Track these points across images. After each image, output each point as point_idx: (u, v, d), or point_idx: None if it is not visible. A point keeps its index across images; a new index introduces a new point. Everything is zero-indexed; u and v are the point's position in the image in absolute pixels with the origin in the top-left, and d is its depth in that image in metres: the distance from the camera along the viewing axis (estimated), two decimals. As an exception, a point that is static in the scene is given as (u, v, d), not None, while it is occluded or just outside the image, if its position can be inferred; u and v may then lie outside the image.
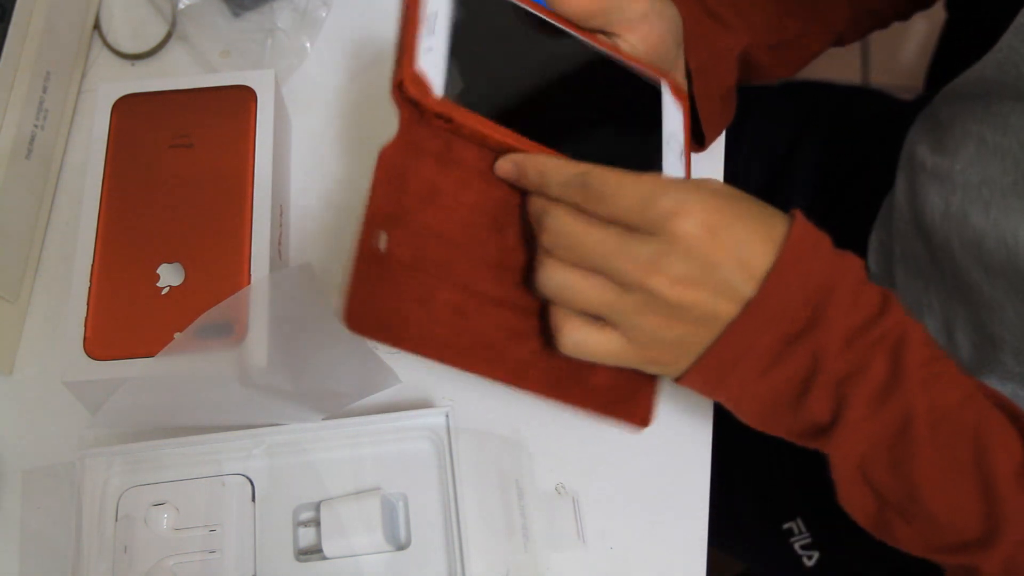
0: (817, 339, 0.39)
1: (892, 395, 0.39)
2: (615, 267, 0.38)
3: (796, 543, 0.67)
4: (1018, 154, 0.52)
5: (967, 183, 0.55)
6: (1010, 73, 0.52)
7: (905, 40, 1.54)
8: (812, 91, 0.81)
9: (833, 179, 0.74)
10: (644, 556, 0.50)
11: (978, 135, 0.55)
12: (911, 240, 0.61)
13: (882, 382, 0.39)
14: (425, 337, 0.40)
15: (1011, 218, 0.51)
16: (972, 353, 0.56)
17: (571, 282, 0.39)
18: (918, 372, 0.39)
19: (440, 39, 0.40)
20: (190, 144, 0.50)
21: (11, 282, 0.53)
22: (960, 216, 0.54)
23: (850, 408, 0.39)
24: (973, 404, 0.41)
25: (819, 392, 0.40)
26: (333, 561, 0.47)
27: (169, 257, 0.47)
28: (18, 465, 0.51)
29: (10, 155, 0.53)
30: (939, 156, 0.58)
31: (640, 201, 0.38)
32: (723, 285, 0.38)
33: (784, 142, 0.77)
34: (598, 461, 0.52)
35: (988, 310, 0.53)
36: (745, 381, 0.41)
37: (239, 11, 0.62)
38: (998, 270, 0.51)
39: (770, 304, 0.39)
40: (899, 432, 0.40)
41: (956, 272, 0.55)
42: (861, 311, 0.40)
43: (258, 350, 0.45)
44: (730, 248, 0.38)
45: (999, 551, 0.40)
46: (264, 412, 0.48)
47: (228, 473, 0.49)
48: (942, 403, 0.40)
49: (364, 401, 0.51)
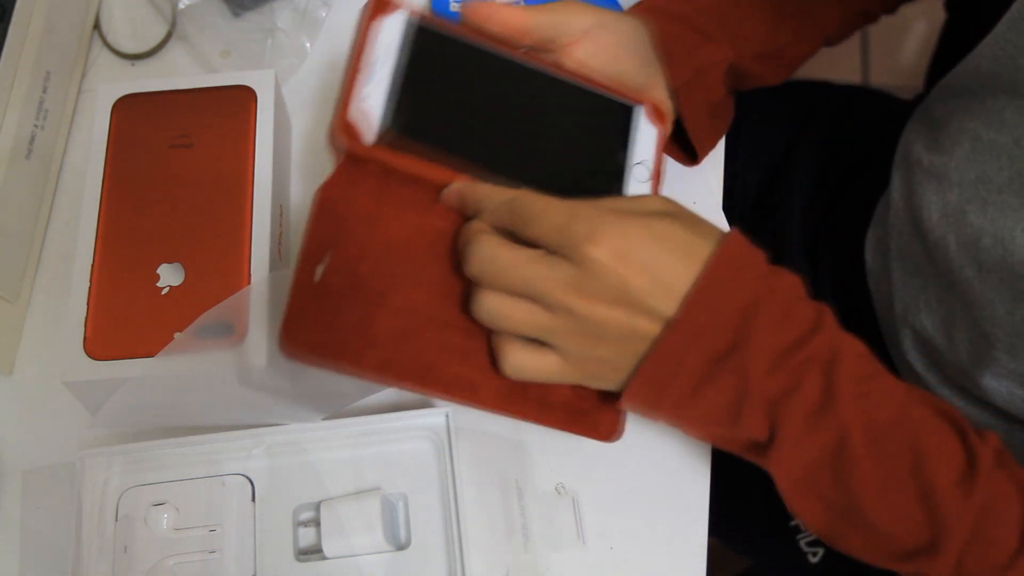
0: (742, 359, 0.39)
1: (827, 413, 0.40)
2: (537, 289, 0.40)
3: (802, 540, 0.67)
4: (1013, 151, 0.52)
5: (963, 181, 0.54)
6: (1006, 66, 0.52)
7: (905, 40, 1.54)
8: (810, 91, 0.81)
9: (831, 179, 0.74)
10: (644, 556, 0.50)
11: (973, 132, 0.55)
12: (907, 238, 0.61)
13: (815, 401, 0.40)
14: (363, 360, 0.41)
15: (1008, 216, 0.51)
16: (969, 350, 0.56)
17: (501, 308, 0.40)
18: (851, 389, 0.40)
19: (381, 84, 0.42)
20: (190, 144, 0.50)
21: (11, 282, 0.53)
22: (958, 214, 0.54)
23: (785, 427, 0.40)
24: (910, 417, 0.42)
25: (751, 411, 0.40)
26: (333, 561, 0.47)
27: (169, 257, 0.47)
28: (18, 465, 0.51)
29: (10, 155, 0.53)
30: (935, 154, 0.58)
31: (557, 225, 0.39)
32: (639, 305, 0.39)
33: (782, 143, 0.77)
34: (598, 461, 0.52)
35: (980, 308, 0.53)
36: (678, 401, 0.41)
37: (239, 11, 0.62)
38: (991, 267, 0.52)
39: (692, 323, 0.39)
40: (837, 448, 0.41)
41: (950, 270, 0.55)
42: (790, 330, 0.40)
43: (258, 350, 0.45)
44: (641, 270, 0.39)
45: (946, 557, 0.41)
46: (264, 412, 0.48)
47: (228, 473, 0.49)
48: (878, 418, 0.41)
49: (364, 401, 0.51)
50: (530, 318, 0.40)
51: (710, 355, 0.40)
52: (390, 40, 0.42)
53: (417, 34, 0.43)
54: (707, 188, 0.59)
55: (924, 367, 0.62)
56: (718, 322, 0.39)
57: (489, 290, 0.41)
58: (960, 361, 0.57)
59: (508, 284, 0.40)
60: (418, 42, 0.43)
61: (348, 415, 0.50)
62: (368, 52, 0.42)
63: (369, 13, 0.42)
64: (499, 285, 0.40)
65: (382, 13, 0.43)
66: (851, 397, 0.40)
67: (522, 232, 0.40)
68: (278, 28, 0.62)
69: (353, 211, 0.41)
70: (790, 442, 0.41)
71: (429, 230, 0.43)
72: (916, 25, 1.53)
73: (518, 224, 0.40)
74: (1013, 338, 0.51)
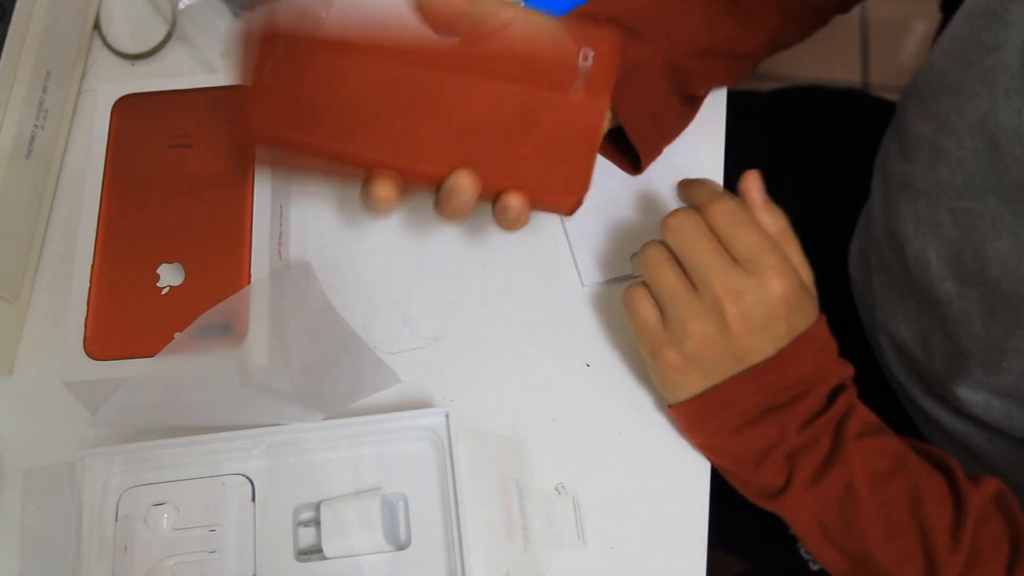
0: (787, 416, 0.46)
1: (835, 463, 0.46)
2: (709, 277, 0.45)
3: (802, 548, 0.67)
4: (958, 154, 0.51)
5: (927, 189, 0.54)
6: (956, 62, 0.51)
7: (904, 40, 1.54)
8: (806, 95, 0.81)
9: (820, 185, 0.74)
10: (644, 556, 0.50)
11: (928, 137, 0.54)
12: (886, 250, 0.60)
13: (826, 453, 0.46)
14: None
15: (977, 225, 0.50)
16: (946, 363, 0.56)
17: (661, 261, 0.47)
18: (855, 443, 0.46)
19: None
20: (190, 144, 0.50)
21: (11, 282, 0.53)
22: (933, 226, 0.54)
23: (798, 474, 0.46)
24: (907, 467, 0.47)
25: (775, 459, 0.47)
26: (333, 561, 0.47)
27: (169, 257, 0.47)
28: (18, 465, 0.51)
29: (10, 155, 0.53)
30: (904, 163, 0.57)
31: (760, 244, 0.45)
32: (768, 342, 0.46)
33: (775, 147, 0.77)
34: (598, 461, 0.52)
35: (956, 322, 0.53)
36: (720, 430, 0.48)
37: (239, 11, 0.62)
38: (973, 281, 0.51)
39: (767, 375, 0.46)
40: (845, 494, 0.46)
41: (929, 283, 0.55)
42: (825, 402, 0.47)
43: (258, 350, 0.45)
44: (790, 316, 0.46)
45: None
46: (264, 412, 0.48)
47: (228, 473, 0.49)
48: (878, 468, 0.46)
49: (364, 401, 0.51)
50: (675, 283, 0.46)
51: (766, 405, 0.47)
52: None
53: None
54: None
55: (905, 377, 0.62)
56: (785, 384, 0.46)
57: (662, 247, 0.47)
58: (937, 372, 0.57)
59: (690, 253, 0.46)
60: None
61: (348, 415, 0.50)
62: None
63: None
64: (682, 248, 0.46)
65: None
66: (855, 450, 0.46)
67: (728, 232, 0.46)
68: (278, 28, 0.62)
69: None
70: (801, 487, 0.47)
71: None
72: (916, 25, 1.53)
73: (730, 223, 0.46)
74: (987, 353, 0.51)
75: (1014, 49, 0.47)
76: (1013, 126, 0.47)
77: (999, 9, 0.49)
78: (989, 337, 0.51)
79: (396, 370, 0.51)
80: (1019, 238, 0.48)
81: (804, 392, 0.46)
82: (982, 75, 0.49)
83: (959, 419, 0.59)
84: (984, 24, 0.50)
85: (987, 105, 0.49)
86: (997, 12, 0.49)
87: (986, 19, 0.50)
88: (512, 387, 0.53)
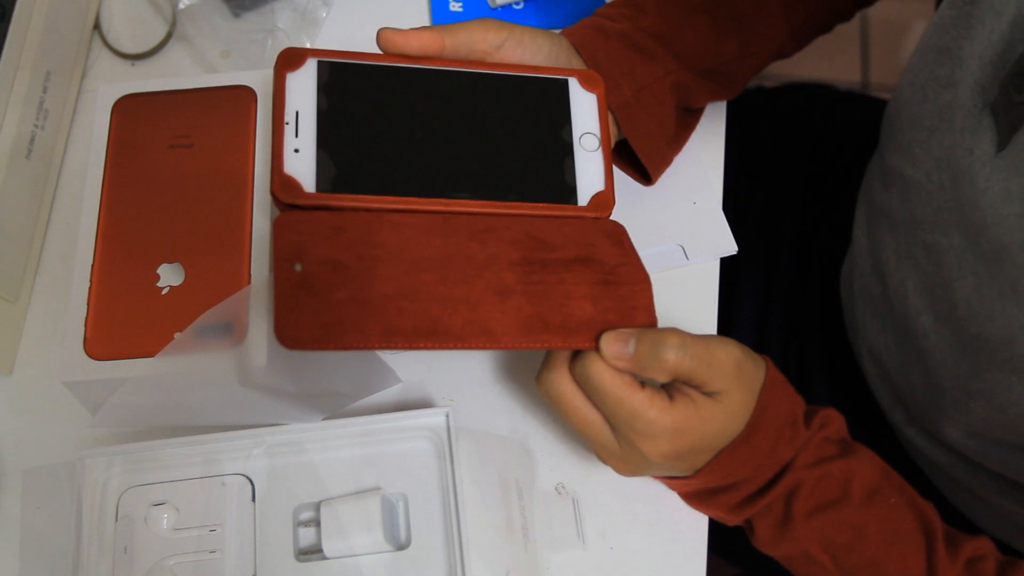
0: (727, 500, 0.47)
1: (787, 531, 0.47)
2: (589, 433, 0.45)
3: None
4: (926, 186, 0.50)
5: (903, 220, 0.53)
6: (916, 94, 0.51)
7: (904, 39, 1.54)
8: (808, 93, 0.81)
9: (820, 193, 0.73)
10: (644, 556, 0.50)
11: (897, 168, 0.53)
12: (869, 278, 0.60)
13: (778, 520, 0.47)
14: (367, 332, 0.40)
15: (945, 261, 0.49)
16: (925, 396, 0.55)
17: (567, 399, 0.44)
18: (805, 520, 0.46)
19: (307, 135, 0.43)
20: (190, 144, 0.50)
21: (11, 282, 0.53)
22: (909, 258, 0.53)
23: (759, 531, 0.48)
24: (867, 541, 0.47)
25: (735, 520, 0.48)
26: (333, 561, 0.47)
27: (169, 257, 0.47)
28: (18, 465, 0.51)
29: (10, 155, 0.53)
30: (883, 191, 0.56)
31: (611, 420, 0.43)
32: (684, 468, 0.46)
33: (776, 148, 0.77)
34: (598, 461, 0.52)
35: (932, 358, 0.52)
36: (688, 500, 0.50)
37: (239, 11, 0.62)
38: (945, 318, 0.50)
39: (704, 480, 0.46)
40: (804, 557, 0.47)
41: (907, 315, 0.54)
42: (763, 486, 0.47)
43: (258, 350, 0.45)
44: (679, 460, 0.45)
45: None
46: (264, 412, 0.48)
47: (228, 473, 0.49)
48: (836, 540, 0.47)
49: (364, 401, 0.51)
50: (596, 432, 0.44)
51: (733, 501, 0.47)
52: (308, 87, 0.44)
53: (332, 75, 0.44)
54: (708, 189, 0.59)
55: (889, 405, 0.61)
56: (724, 482, 0.47)
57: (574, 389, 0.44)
58: (919, 404, 0.56)
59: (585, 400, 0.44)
60: (335, 82, 0.44)
61: (348, 415, 0.50)
62: (290, 104, 0.43)
63: (281, 66, 0.44)
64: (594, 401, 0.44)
65: (293, 66, 0.44)
66: (805, 524, 0.46)
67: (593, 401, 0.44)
68: (278, 28, 0.62)
69: (315, 240, 0.42)
70: (766, 544, 0.48)
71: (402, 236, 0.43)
72: (916, 25, 1.53)
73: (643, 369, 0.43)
74: (958, 392, 0.51)
75: (967, 88, 0.47)
76: (966, 165, 0.46)
77: (952, 46, 0.48)
78: (960, 376, 0.50)
79: (396, 370, 0.51)
80: (980, 279, 0.47)
81: (740, 482, 0.46)
82: (938, 110, 0.49)
83: (942, 451, 0.58)
84: (938, 59, 0.49)
85: (948, 140, 0.48)
86: (951, 49, 0.48)
87: (940, 55, 0.49)
88: (512, 387, 0.53)
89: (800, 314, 0.70)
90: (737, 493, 0.47)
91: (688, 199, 0.58)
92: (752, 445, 0.45)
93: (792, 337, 0.70)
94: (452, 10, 0.64)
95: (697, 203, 0.58)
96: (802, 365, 0.68)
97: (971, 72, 0.47)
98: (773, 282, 0.71)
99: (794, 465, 0.46)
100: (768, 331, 0.70)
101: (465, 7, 0.64)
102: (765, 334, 0.70)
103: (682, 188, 0.58)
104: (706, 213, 0.58)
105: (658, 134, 0.53)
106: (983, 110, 0.46)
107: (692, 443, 0.44)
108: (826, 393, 0.66)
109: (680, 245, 0.57)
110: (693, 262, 0.57)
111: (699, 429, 0.43)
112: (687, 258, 0.57)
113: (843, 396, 0.65)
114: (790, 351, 0.69)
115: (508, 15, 0.64)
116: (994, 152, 0.45)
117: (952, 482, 0.60)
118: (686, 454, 0.44)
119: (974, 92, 0.46)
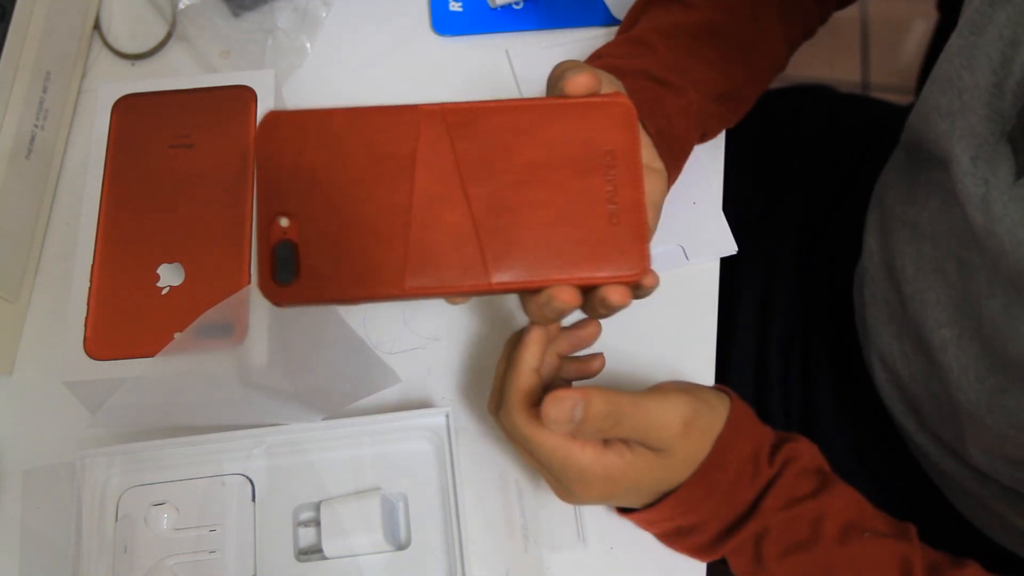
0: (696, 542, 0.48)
1: (760, 575, 0.47)
2: (537, 470, 0.46)
3: None
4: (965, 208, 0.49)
5: (936, 233, 0.53)
6: (932, 116, 0.50)
7: (904, 40, 1.54)
8: (808, 94, 0.81)
9: (825, 194, 0.73)
10: (644, 556, 0.50)
11: (940, 181, 0.53)
12: (882, 284, 0.59)
13: (749, 561, 0.47)
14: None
15: (976, 278, 0.49)
16: (940, 408, 0.55)
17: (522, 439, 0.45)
18: (776, 561, 0.46)
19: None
20: (190, 144, 0.50)
21: (11, 282, 0.53)
22: (936, 272, 0.53)
23: (733, 567, 0.48)
24: None
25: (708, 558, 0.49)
26: (333, 561, 0.47)
27: (169, 257, 0.47)
28: (18, 465, 0.51)
29: (10, 155, 0.53)
30: (910, 204, 0.56)
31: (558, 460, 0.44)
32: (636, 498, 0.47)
33: (776, 148, 0.76)
34: (598, 461, 0.52)
35: (949, 371, 0.52)
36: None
37: (239, 11, 0.62)
38: (971, 334, 0.50)
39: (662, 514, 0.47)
40: None
41: (923, 326, 0.54)
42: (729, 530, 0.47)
43: (258, 350, 0.45)
44: (615, 500, 0.46)
45: None
46: (264, 412, 0.48)
47: (228, 473, 0.49)
48: None
49: (364, 401, 0.51)
50: (539, 470, 0.46)
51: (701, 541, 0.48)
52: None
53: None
54: (708, 189, 0.59)
55: (901, 412, 0.60)
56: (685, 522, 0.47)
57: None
58: (932, 413, 0.56)
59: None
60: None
61: (348, 415, 0.50)
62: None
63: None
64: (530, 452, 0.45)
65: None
66: (777, 565, 0.46)
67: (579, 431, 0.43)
68: (278, 28, 0.62)
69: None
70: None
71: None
72: (916, 25, 1.53)
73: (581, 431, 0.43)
74: (975, 405, 0.50)
75: (979, 118, 0.46)
76: (980, 194, 0.46)
77: (959, 75, 0.48)
78: (983, 390, 0.50)
79: (396, 370, 0.51)
80: (1011, 299, 0.47)
81: (703, 522, 0.47)
82: (955, 135, 0.48)
83: (954, 461, 0.58)
84: (941, 89, 0.49)
85: (967, 166, 0.48)
86: (961, 78, 0.48)
87: (943, 83, 0.49)
88: (512, 387, 0.53)
89: (803, 315, 0.70)
90: (703, 534, 0.47)
91: (688, 199, 0.58)
92: (710, 483, 0.45)
93: (794, 337, 0.70)
94: (452, 10, 0.64)
95: (697, 203, 0.58)
96: (805, 365, 0.68)
97: (981, 103, 0.46)
98: (774, 282, 0.71)
99: (763, 507, 0.46)
100: (768, 331, 0.70)
101: (465, 7, 0.64)
102: (765, 334, 0.70)
103: (682, 188, 0.58)
104: (706, 213, 0.58)
105: (681, 160, 0.53)
106: (1000, 139, 0.46)
107: (627, 486, 0.45)
108: (831, 396, 0.66)
109: (680, 245, 0.57)
110: (693, 262, 0.57)
111: (633, 477, 0.44)
112: (687, 258, 0.57)
113: (849, 399, 0.65)
114: (792, 351, 0.69)
115: (508, 15, 0.64)
116: (1012, 180, 0.45)
117: (962, 491, 0.60)
118: (621, 495, 0.45)
119: (991, 121, 0.46)
